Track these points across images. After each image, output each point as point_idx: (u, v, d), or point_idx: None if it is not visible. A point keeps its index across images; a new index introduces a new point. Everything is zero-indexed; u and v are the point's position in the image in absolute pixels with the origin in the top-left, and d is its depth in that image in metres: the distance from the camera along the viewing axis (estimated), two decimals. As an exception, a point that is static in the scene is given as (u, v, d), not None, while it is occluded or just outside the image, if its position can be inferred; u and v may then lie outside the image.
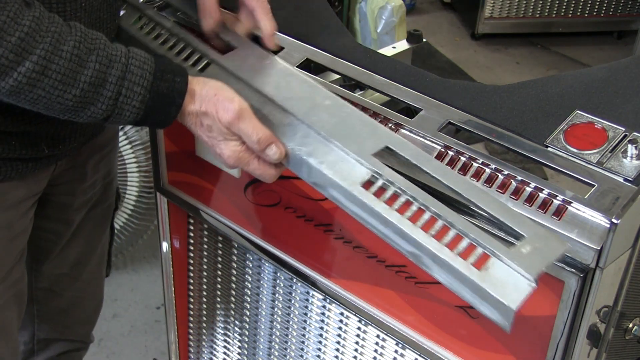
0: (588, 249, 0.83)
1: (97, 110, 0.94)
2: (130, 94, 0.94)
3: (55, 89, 0.91)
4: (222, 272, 1.39)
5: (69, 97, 0.92)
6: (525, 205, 0.86)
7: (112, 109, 0.94)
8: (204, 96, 0.96)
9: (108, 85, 0.93)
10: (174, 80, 0.96)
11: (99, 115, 0.95)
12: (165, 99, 0.95)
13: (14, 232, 1.18)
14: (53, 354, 1.52)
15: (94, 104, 0.94)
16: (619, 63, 1.05)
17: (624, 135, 0.89)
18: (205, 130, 0.97)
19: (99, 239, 1.44)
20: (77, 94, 0.92)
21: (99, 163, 1.32)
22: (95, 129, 1.24)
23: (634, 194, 0.83)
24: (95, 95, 0.93)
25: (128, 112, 0.95)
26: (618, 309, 0.92)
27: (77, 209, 1.34)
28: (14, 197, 1.15)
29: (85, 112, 0.94)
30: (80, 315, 1.52)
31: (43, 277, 1.39)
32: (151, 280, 2.41)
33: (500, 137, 0.93)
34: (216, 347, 1.53)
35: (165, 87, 0.95)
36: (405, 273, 1.04)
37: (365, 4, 2.76)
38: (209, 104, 0.95)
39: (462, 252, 0.81)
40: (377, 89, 1.04)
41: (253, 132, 0.94)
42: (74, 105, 0.93)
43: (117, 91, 0.93)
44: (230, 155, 0.97)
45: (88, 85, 0.92)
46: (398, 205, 0.86)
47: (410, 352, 1.10)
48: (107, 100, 0.93)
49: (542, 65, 3.77)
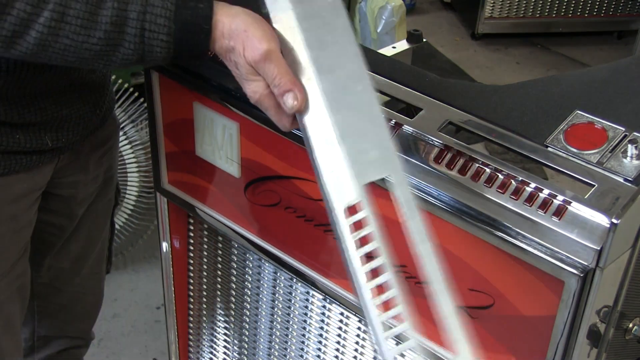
0: (588, 249, 0.83)
1: (127, 51, 0.93)
2: (154, 27, 0.92)
3: (79, 34, 0.90)
4: (222, 272, 1.39)
5: (94, 40, 0.91)
6: (525, 205, 0.86)
7: (141, 47, 0.93)
8: (233, 30, 0.92)
9: (130, 22, 0.91)
10: (197, 6, 0.92)
11: (131, 56, 0.93)
12: (192, 27, 0.92)
13: (18, 225, 1.19)
14: (53, 351, 1.52)
15: (121, 45, 0.92)
16: (619, 63, 1.05)
17: (624, 135, 0.89)
18: (233, 66, 0.93)
19: (99, 234, 1.45)
20: (102, 36, 0.91)
21: (102, 157, 1.33)
22: (97, 121, 1.25)
23: (634, 194, 0.83)
24: (120, 35, 0.91)
25: (158, 47, 0.93)
26: (618, 309, 0.92)
27: (80, 203, 1.34)
28: (18, 190, 1.16)
29: (116, 55, 0.93)
30: (81, 311, 1.52)
31: (44, 272, 1.40)
32: (151, 280, 2.41)
33: (500, 137, 0.93)
34: (216, 347, 1.53)
35: (189, 15, 0.92)
36: (405, 273, 1.04)
37: (365, 4, 2.76)
38: (237, 39, 0.91)
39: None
40: (377, 89, 1.04)
41: (277, 75, 0.89)
42: (102, 50, 0.92)
43: (140, 27, 0.91)
44: (251, 95, 0.93)
45: (110, 26, 0.90)
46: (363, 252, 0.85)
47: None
48: (132, 38, 0.92)
49: (542, 65, 3.77)
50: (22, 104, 1.09)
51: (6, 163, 1.11)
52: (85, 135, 1.22)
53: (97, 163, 1.32)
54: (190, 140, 1.24)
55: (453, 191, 0.92)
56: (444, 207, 0.93)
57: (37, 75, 1.07)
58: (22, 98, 1.08)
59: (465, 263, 0.96)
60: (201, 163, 1.24)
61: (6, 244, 1.18)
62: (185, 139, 1.25)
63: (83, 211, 1.37)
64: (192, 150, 1.25)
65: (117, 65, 0.95)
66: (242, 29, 0.91)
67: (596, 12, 3.90)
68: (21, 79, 1.06)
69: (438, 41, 3.83)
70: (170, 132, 1.28)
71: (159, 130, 1.29)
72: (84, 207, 1.36)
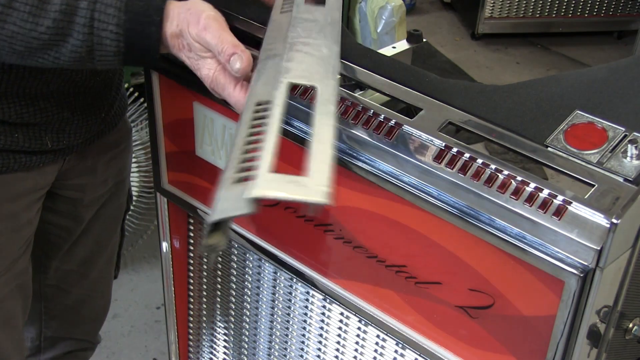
0: (588, 249, 0.83)
1: (75, 42, 0.91)
2: (104, 17, 0.90)
3: (26, 22, 0.90)
4: (222, 272, 1.39)
5: (42, 29, 0.90)
6: (525, 205, 0.87)
7: (90, 39, 0.91)
8: (178, 14, 0.92)
9: (80, 12, 0.90)
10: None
11: (80, 48, 0.92)
12: (142, 18, 0.91)
13: (19, 223, 1.19)
14: (60, 353, 1.52)
15: (70, 35, 0.91)
16: (619, 63, 1.05)
17: (624, 135, 0.89)
18: (186, 51, 0.93)
19: (109, 238, 1.45)
20: (50, 25, 0.90)
21: (111, 161, 1.33)
22: (104, 126, 1.25)
23: (634, 194, 0.83)
24: (70, 25, 0.90)
25: (108, 39, 0.91)
26: (618, 309, 0.92)
27: (87, 206, 1.34)
28: (19, 188, 1.16)
29: (65, 46, 0.92)
30: (88, 314, 1.52)
31: (51, 273, 1.40)
32: (151, 280, 2.41)
33: (500, 137, 0.93)
34: (216, 347, 1.53)
35: (140, 6, 0.91)
36: (405, 273, 1.04)
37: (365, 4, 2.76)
38: (182, 21, 0.91)
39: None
40: (377, 89, 1.04)
41: (218, 42, 0.89)
42: (51, 39, 0.91)
43: (90, 16, 0.90)
44: (206, 75, 0.92)
45: (60, 14, 0.90)
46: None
47: (410, 352, 1.10)
48: (81, 28, 0.90)
49: (542, 65, 3.77)
50: (22, 104, 1.08)
51: (4, 161, 1.11)
52: (89, 139, 1.22)
53: (105, 166, 1.32)
54: (190, 140, 1.24)
55: (453, 191, 0.92)
56: (444, 207, 0.93)
57: (36, 75, 1.07)
58: (21, 98, 1.08)
59: (465, 263, 0.96)
60: (201, 163, 1.24)
61: (4, 242, 1.18)
62: (185, 139, 1.25)
63: (91, 214, 1.36)
64: (192, 150, 1.25)
65: (68, 59, 0.93)
66: (186, 9, 0.91)
67: (596, 12, 3.91)
68: (19, 77, 1.06)
69: (438, 41, 3.83)
70: (170, 132, 1.28)
71: (159, 130, 1.29)
72: (91, 210, 1.36)
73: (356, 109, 1.00)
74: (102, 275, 1.48)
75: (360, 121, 0.99)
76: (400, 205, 0.98)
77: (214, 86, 0.92)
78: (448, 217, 0.93)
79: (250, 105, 0.83)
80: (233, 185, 0.73)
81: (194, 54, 0.92)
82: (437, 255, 0.98)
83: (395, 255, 1.03)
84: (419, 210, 0.96)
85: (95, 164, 1.29)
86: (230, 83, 0.91)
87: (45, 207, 1.26)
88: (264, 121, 0.80)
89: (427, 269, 1.01)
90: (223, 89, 0.92)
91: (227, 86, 0.91)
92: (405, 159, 0.95)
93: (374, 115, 0.99)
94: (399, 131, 0.97)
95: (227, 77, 0.91)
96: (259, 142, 0.77)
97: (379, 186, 0.99)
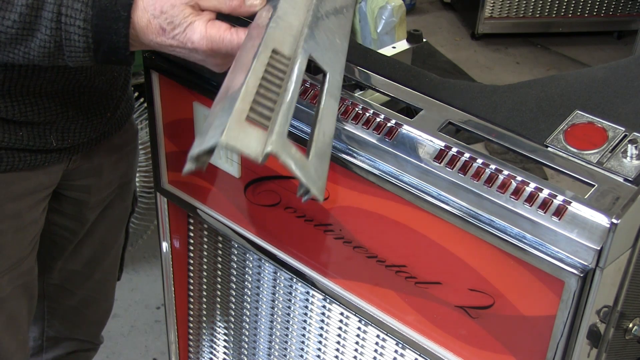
0: (588, 249, 0.83)
1: (43, 36, 0.91)
2: (71, 12, 0.90)
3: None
4: (222, 272, 1.39)
5: (9, 23, 0.90)
6: (525, 205, 0.86)
7: (58, 34, 0.91)
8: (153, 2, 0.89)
9: (47, 6, 0.90)
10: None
11: (48, 43, 0.91)
12: (110, 14, 0.90)
13: (23, 222, 1.19)
14: (62, 353, 1.52)
15: (38, 30, 0.91)
16: (618, 63, 1.05)
17: (624, 135, 0.89)
18: (169, 29, 0.90)
19: (113, 240, 1.45)
20: (17, 19, 0.90)
21: (117, 163, 1.33)
22: (110, 127, 1.24)
23: (634, 194, 0.83)
24: (37, 20, 0.90)
25: (75, 35, 0.91)
26: (618, 309, 0.92)
27: (92, 207, 1.34)
28: (23, 187, 1.16)
29: (33, 40, 0.91)
30: (91, 315, 1.52)
31: (55, 273, 1.40)
32: (151, 280, 2.41)
33: (500, 137, 0.93)
34: (216, 347, 1.53)
35: (107, 1, 0.90)
36: (405, 273, 1.04)
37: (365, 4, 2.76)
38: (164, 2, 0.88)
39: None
40: (377, 89, 1.04)
41: None
42: (19, 34, 0.91)
43: (57, 11, 0.90)
44: (200, 38, 0.89)
45: (26, 8, 0.89)
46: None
47: (410, 352, 1.10)
48: (49, 23, 0.90)
49: (542, 65, 3.77)
50: (25, 102, 1.08)
51: (9, 160, 1.11)
52: (95, 139, 1.22)
53: (111, 168, 1.32)
54: (190, 140, 1.24)
55: (453, 191, 0.92)
56: (444, 207, 0.93)
57: (39, 74, 1.07)
58: (25, 96, 1.08)
59: (465, 263, 0.96)
60: (201, 163, 1.24)
61: (8, 241, 1.18)
62: (185, 139, 1.25)
63: (96, 216, 1.36)
64: (192, 150, 1.25)
65: (38, 54, 0.92)
66: None
67: (596, 12, 3.90)
68: (22, 76, 1.06)
69: (438, 41, 3.83)
70: (170, 132, 1.28)
71: (159, 130, 1.29)
72: (96, 211, 1.36)
73: (356, 109, 1.00)
74: (106, 276, 1.48)
75: (360, 121, 0.99)
76: (400, 205, 0.98)
77: (212, 44, 0.89)
78: (448, 217, 0.93)
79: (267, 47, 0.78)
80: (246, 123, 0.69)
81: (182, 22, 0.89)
82: (437, 255, 0.98)
83: (395, 255, 1.04)
84: (419, 210, 0.96)
85: (101, 165, 1.29)
86: (226, 30, 0.89)
87: (51, 207, 1.26)
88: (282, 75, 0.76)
89: (427, 269, 1.01)
90: (222, 40, 0.89)
91: (225, 35, 0.89)
92: (405, 159, 0.95)
93: (374, 115, 0.99)
94: (399, 131, 0.97)
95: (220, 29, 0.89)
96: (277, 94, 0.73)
97: (379, 186, 0.99)
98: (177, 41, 0.91)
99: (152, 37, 0.91)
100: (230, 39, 0.89)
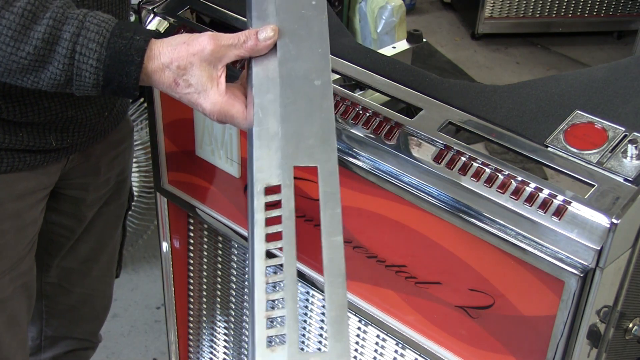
0: (588, 249, 0.83)
1: (55, 70, 0.92)
2: (85, 51, 0.91)
3: (7, 45, 0.91)
4: (222, 272, 1.39)
5: (23, 54, 0.91)
6: (525, 205, 0.86)
7: (70, 70, 0.92)
8: (173, 52, 0.91)
9: (62, 42, 0.91)
10: (132, 38, 0.92)
11: (59, 77, 0.93)
12: (123, 57, 0.91)
13: (23, 222, 1.19)
14: (60, 352, 1.52)
15: (51, 63, 0.92)
16: (619, 63, 1.05)
17: (624, 135, 0.89)
18: (183, 87, 0.92)
19: (110, 237, 1.45)
20: (31, 51, 0.91)
21: (114, 160, 1.33)
22: (107, 125, 1.25)
23: (634, 194, 0.83)
24: (50, 54, 0.91)
25: (87, 72, 0.92)
26: (618, 309, 0.92)
27: (90, 205, 1.35)
28: (23, 188, 1.16)
29: (44, 72, 0.92)
30: (89, 313, 1.53)
31: (53, 272, 1.40)
32: (151, 280, 2.41)
33: (500, 137, 0.93)
34: (216, 347, 1.53)
35: (122, 45, 0.91)
36: (405, 273, 1.04)
37: (365, 4, 2.76)
38: (180, 55, 0.90)
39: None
40: (377, 89, 1.04)
41: (237, 36, 0.89)
42: (30, 65, 0.92)
43: (71, 48, 0.91)
44: (212, 109, 0.91)
45: (41, 42, 0.90)
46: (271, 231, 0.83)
47: (410, 352, 1.10)
48: (62, 58, 0.91)
49: (542, 65, 3.77)
50: (26, 103, 1.09)
51: (9, 160, 1.12)
52: (92, 138, 1.22)
53: (108, 166, 1.32)
54: (190, 140, 1.24)
55: (453, 191, 0.92)
56: (444, 207, 0.93)
57: None
58: (25, 97, 1.09)
59: (465, 263, 0.96)
60: (201, 163, 1.24)
61: (9, 241, 1.18)
62: (185, 139, 1.25)
63: (93, 214, 1.37)
64: (192, 150, 1.25)
65: (47, 85, 0.94)
66: (182, 41, 0.91)
67: (596, 12, 3.90)
68: None
69: (438, 41, 3.83)
70: (170, 132, 1.28)
71: (159, 130, 1.29)
72: (94, 209, 1.36)
73: (356, 109, 1.00)
74: (103, 274, 1.48)
75: (360, 121, 0.99)
76: (400, 205, 0.98)
77: (222, 119, 0.92)
78: (448, 217, 0.93)
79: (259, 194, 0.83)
80: (269, 350, 0.77)
81: (196, 85, 0.91)
82: (437, 255, 0.98)
83: (395, 255, 1.04)
84: (419, 210, 0.96)
85: (98, 163, 1.29)
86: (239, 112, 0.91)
87: (49, 206, 1.26)
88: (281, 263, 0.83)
89: (427, 269, 1.01)
90: (232, 119, 0.91)
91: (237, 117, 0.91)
92: (405, 159, 0.95)
93: (374, 115, 0.99)
94: (399, 131, 0.97)
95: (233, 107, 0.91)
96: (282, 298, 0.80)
97: (379, 186, 0.99)
98: (187, 99, 0.93)
99: (163, 87, 0.93)
100: (240, 120, 0.91)
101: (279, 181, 0.83)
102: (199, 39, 0.90)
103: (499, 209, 0.88)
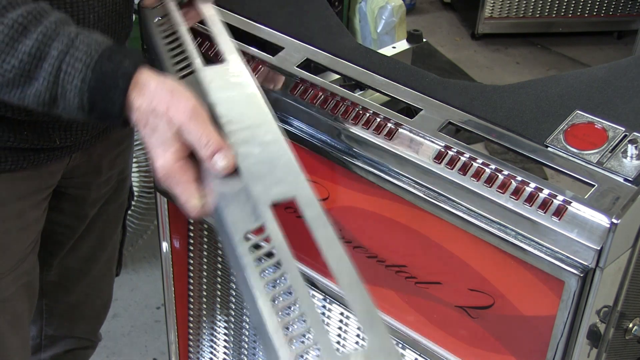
0: (588, 249, 0.83)
1: (40, 87, 0.89)
2: (71, 70, 0.88)
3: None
4: (222, 272, 1.39)
5: (8, 67, 0.89)
6: (525, 205, 0.86)
7: (54, 89, 0.89)
8: (157, 93, 0.86)
9: (49, 59, 0.88)
10: (121, 62, 0.87)
11: (44, 94, 0.90)
12: (109, 81, 0.87)
13: (25, 222, 1.19)
14: (60, 351, 1.52)
15: (36, 79, 0.89)
16: (619, 63, 1.05)
17: (624, 135, 0.89)
18: (149, 130, 0.86)
19: (110, 236, 1.45)
20: (16, 65, 0.88)
21: (115, 159, 1.33)
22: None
23: (634, 194, 0.83)
24: (36, 69, 0.88)
25: (71, 92, 0.89)
26: (618, 309, 0.92)
27: (91, 204, 1.35)
28: (26, 187, 1.16)
29: (29, 88, 0.90)
30: (89, 312, 1.53)
31: (53, 271, 1.40)
32: (151, 280, 2.41)
33: (500, 137, 0.93)
34: (216, 347, 1.53)
35: (109, 67, 0.87)
36: (405, 273, 1.04)
37: (365, 4, 2.76)
38: (160, 101, 0.85)
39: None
40: (377, 89, 1.04)
41: (204, 134, 0.83)
42: (16, 79, 0.89)
43: (57, 66, 0.88)
44: (162, 165, 0.85)
45: (27, 57, 0.88)
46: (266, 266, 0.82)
47: (410, 352, 1.10)
48: (47, 75, 0.88)
49: (542, 65, 3.77)
50: None
51: (13, 159, 1.12)
52: (95, 136, 1.22)
53: (110, 164, 1.32)
54: (190, 140, 1.24)
55: (453, 191, 0.92)
56: (444, 207, 0.93)
57: None
58: None
59: (465, 263, 0.96)
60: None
61: (12, 240, 1.18)
62: (185, 139, 1.25)
63: (94, 212, 1.37)
64: (192, 150, 1.25)
65: (33, 102, 0.91)
66: (168, 91, 0.86)
67: (596, 12, 3.91)
68: None
69: (438, 41, 3.83)
70: (170, 132, 1.28)
71: (159, 130, 1.29)
72: (95, 208, 1.36)
73: (356, 109, 1.00)
74: (103, 272, 1.49)
75: (360, 121, 0.99)
76: (400, 205, 0.98)
77: (167, 178, 0.85)
78: (448, 217, 0.93)
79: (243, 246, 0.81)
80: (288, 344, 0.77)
81: (160, 138, 0.85)
82: (437, 255, 0.98)
83: (395, 255, 1.04)
84: (419, 210, 0.96)
85: (100, 162, 1.30)
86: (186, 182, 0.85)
87: (50, 205, 1.26)
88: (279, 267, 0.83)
89: (427, 269, 1.01)
90: (177, 184, 0.85)
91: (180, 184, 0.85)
92: (405, 159, 0.95)
93: (374, 115, 0.99)
94: (399, 131, 0.97)
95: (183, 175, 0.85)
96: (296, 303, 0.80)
97: (379, 186, 0.99)
98: (146, 143, 0.87)
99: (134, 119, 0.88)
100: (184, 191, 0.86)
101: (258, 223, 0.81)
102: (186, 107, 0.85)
103: (499, 209, 0.88)
